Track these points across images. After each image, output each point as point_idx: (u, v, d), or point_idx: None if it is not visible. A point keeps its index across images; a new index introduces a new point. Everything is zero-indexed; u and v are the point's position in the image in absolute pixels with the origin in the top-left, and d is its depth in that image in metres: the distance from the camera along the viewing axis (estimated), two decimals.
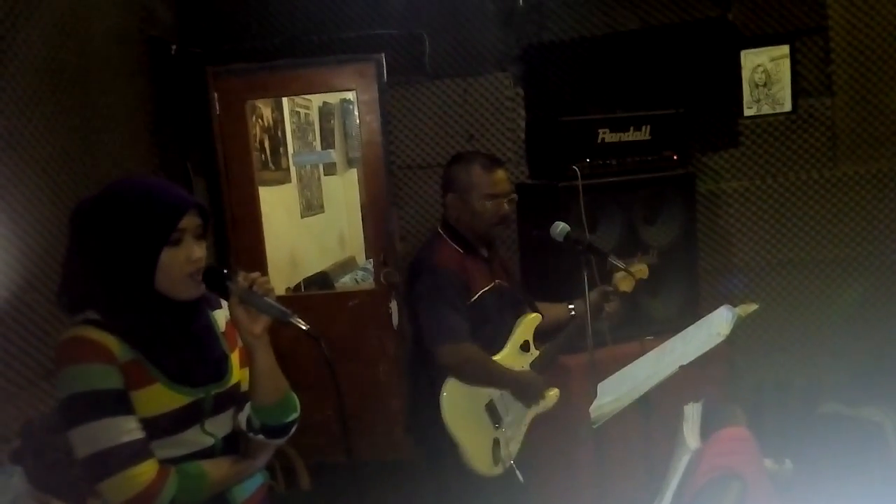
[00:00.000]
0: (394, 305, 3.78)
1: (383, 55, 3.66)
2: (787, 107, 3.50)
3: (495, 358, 2.29)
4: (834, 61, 3.44)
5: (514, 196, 2.39)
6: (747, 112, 3.53)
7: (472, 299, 2.27)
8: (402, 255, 3.71)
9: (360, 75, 3.76)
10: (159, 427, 1.47)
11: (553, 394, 2.41)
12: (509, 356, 2.33)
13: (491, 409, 2.27)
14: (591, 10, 3.54)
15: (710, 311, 1.80)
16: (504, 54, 3.61)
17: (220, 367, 1.60)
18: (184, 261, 1.48)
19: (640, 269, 2.46)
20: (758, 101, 3.52)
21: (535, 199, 3.09)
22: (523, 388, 2.32)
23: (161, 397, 1.47)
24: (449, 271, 2.23)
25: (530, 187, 3.29)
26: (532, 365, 2.37)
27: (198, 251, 1.51)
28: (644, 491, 1.63)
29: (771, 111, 3.52)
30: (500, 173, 2.35)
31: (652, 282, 3.03)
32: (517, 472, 2.24)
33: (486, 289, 2.31)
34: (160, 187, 1.52)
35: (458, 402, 2.21)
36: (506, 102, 3.62)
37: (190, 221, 1.49)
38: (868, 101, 3.44)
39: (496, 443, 2.25)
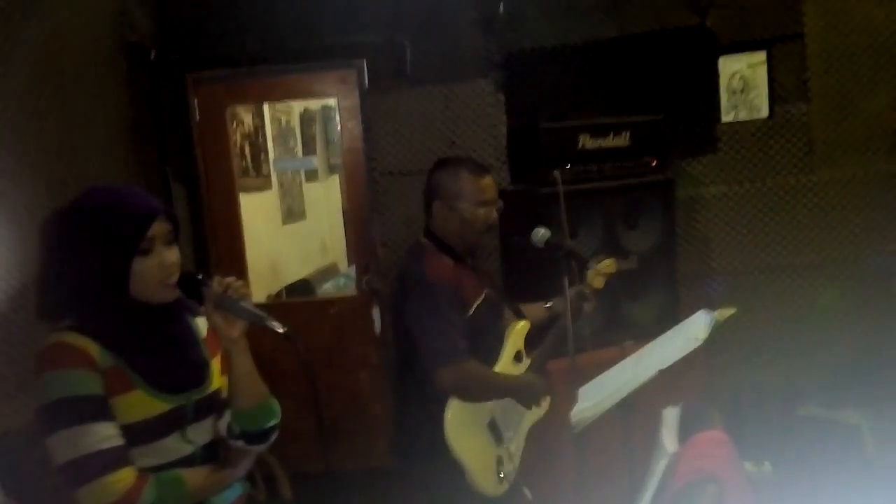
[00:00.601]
0: (376, 312, 3.77)
1: (364, 62, 3.66)
2: (765, 113, 3.55)
3: (493, 369, 2.25)
4: (809, 68, 3.49)
5: (501, 203, 2.35)
6: (725, 118, 3.57)
7: (469, 313, 2.21)
8: (384, 261, 3.71)
9: (341, 81, 3.76)
10: (139, 434, 1.46)
11: (546, 400, 2.40)
12: (504, 368, 2.29)
13: (493, 426, 2.24)
14: (570, 18, 3.56)
15: (689, 315, 1.81)
16: (485, 61, 3.62)
17: (200, 374, 1.59)
18: (156, 268, 1.48)
19: (608, 265, 2.45)
20: (735, 107, 3.56)
21: (517, 204, 3.09)
22: (527, 391, 2.29)
23: (141, 404, 1.47)
24: (445, 286, 2.17)
25: (511, 193, 3.30)
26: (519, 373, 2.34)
27: (170, 257, 1.51)
28: (625, 494, 1.64)
29: (748, 117, 3.56)
30: (489, 179, 2.31)
31: (632, 286, 3.08)
32: (525, 490, 2.21)
33: (480, 300, 2.27)
34: (126, 197, 1.51)
35: (461, 422, 2.16)
36: (487, 109, 3.63)
37: (159, 228, 1.49)
38: (843, 107, 3.49)
39: (499, 460, 2.22)
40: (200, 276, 1.51)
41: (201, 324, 1.66)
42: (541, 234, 2.30)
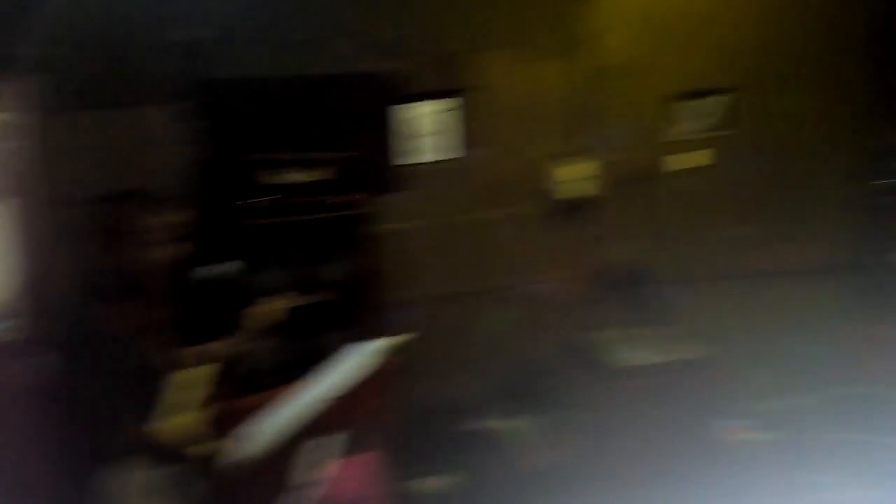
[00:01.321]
0: (31, 362, 3.28)
1: (44, 77, 3.22)
2: (453, 154, 3.90)
3: (167, 424, 2.06)
4: (489, 117, 3.89)
5: (187, 237, 2.22)
6: (418, 158, 3.83)
7: (144, 362, 2.06)
8: (46, 302, 3.24)
9: (11, 97, 3.28)
10: None
11: (225, 444, 2.26)
12: (180, 418, 2.11)
13: (173, 483, 2.04)
14: (275, 53, 3.54)
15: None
16: (177, 87, 3.42)
17: None
18: None
19: (278, 301, 2.44)
20: (427, 148, 3.85)
21: (207, 239, 2.96)
22: (206, 461, 2.09)
23: None
24: (123, 335, 2.01)
25: (202, 226, 3.14)
26: (202, 422, 2.17)
27: None
28: None
29: (440, 158, 3.88)
30: (174, 214, 2.18)
31: (328, 318, 3.11)
32: None
33: (155, 347, 2.13)
34: None
35: (143, 484, 1.99)
36: (178, 137, 3.41)
37: None
38: (511, 154, 3.92)
39: None
40: None
41: None
42: (225, 269, 2.22)
